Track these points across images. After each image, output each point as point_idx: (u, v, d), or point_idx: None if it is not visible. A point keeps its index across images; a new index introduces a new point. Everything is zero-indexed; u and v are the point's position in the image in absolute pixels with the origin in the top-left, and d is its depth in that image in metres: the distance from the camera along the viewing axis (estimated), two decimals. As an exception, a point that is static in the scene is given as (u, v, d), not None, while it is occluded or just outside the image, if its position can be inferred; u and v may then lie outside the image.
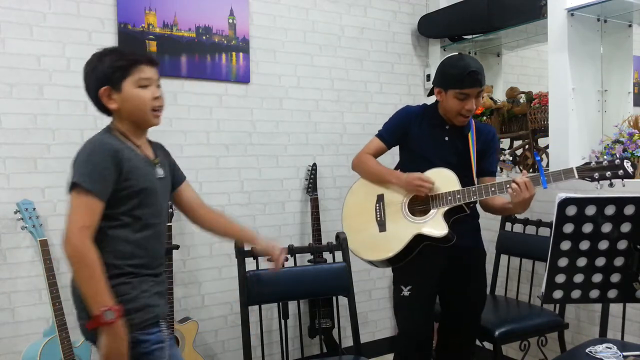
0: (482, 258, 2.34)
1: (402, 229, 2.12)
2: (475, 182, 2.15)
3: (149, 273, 1.61)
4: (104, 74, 1.59)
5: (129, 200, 1.57)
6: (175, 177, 1.80)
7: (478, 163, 2.20)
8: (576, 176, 1.90)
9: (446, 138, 2.21)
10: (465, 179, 2.14)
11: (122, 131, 1.64)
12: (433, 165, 2.15)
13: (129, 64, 1.59)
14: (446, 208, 2.08)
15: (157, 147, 1.77)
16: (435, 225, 2.07)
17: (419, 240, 2.10)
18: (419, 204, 2.17)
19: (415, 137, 2.23)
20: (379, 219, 2.19)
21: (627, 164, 1.84)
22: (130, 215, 1.58)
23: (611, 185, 1.86)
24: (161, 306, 1.63)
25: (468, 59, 2.10)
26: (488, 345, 2.54)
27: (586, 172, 1.89)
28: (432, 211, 2.10)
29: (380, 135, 2.30)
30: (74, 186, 1.52)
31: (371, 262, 2.24)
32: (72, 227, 1.49)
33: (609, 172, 1.86)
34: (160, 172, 1.67)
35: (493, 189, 2.02)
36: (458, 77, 2.07)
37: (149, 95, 1.61)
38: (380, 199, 2.22)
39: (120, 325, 1.49)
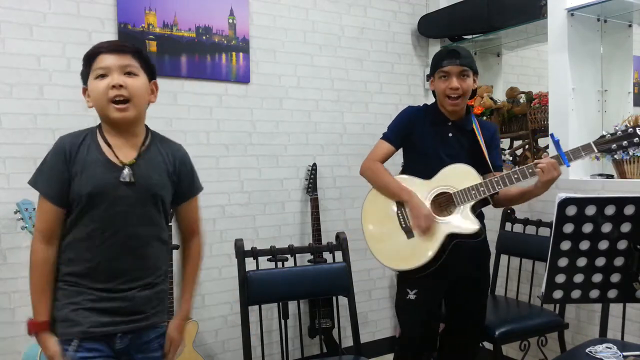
0: (488, 258, 2.32)
1: (431, 232, 2.06)
2: (492, 173, 2.13)
3: (95, 287, 1.48)
4: (81, 74, 1.56)
5: (75, 203, 1.48)
6: (178, 191, 1.63)
7: None
8: (595, 150, 1.91)
9: (450, 134, 2.18)
10: (480, 173, 2.11)
11: (101, 128, 1.55)
12: (441, 162, 2.12)
13: (90, 57, 1.50)
14: (472, 202, 2.04)
15: (159, 150, 1.60)
16: (465, 222, 2.04)
17: (450, 239, 2.05)
18: (440, 204, 2.12)
19: (419, 136, 2.20)
20: (404, 225, 2.11)
21: None
22: (77, 220, 1.49)
23: (627, 154, 1.88)
24: (86, 324, 1.47)
25: (453, 47, 2.13)
26: (488, 345, 2.54)
27: (604, 144, 1.90)
28: (458, 208, 2.06)
29: (387, 137, 2.25)
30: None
31: (398, 270, 2.20)
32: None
33: (625, 142, 1.87)
34: (125, 174, 1.49)
35: (516, 176, 1.99)
36: (438, 57, 2.16)
37: (102, 85, 1.46)
38: (400, 204, 2.14)
39: (42, 338, 1.50)
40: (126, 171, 1.49)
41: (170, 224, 1.74)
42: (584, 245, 1.43)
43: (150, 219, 1.55)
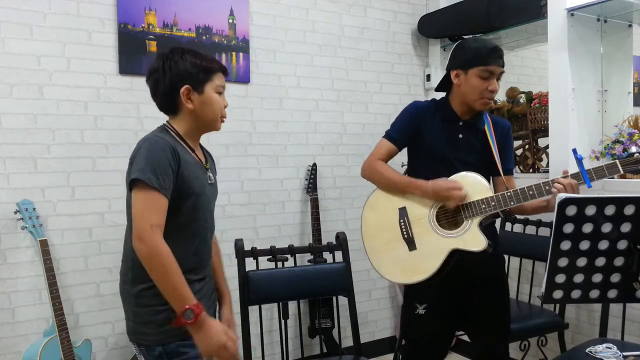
0: (502, 266, 2.15)
1: (435, 246, 1.90)
2: (503, 180, 1.99)
3: (193, 279, 1.58)
4: (188, 73, 1.57)
5: (181, 201, 1.53)
6: None
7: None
8: (621, 171, 1.76)
9: (460, 135, 2.00)
10: (489, 176, 2.01)
11: (178, 132, 1.61)
12: (452, 167, 1.96)
13: (212, 69, 1.61)
14: (481, 218, 1.88)
15: (207, 153, 1.79)
16: (472, 239, 1.87)
17: (454, 254, 1.90)
18: (447, 215, 1.96)
19: (427, 135, 2.00)
20: (406, 236, 1.95)
21: None
22: (181, 217, 1.54)
23: None
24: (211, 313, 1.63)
25: (487, 39, 1.98)
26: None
27: (631, 165, 1.76)
28: (465, 222, 1.89)
29: (389, 136, 2.05)
30: (137, 183, 1.47)
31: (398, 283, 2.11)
32: (144, 225, 1.45)
33: None
34: (211, 177, 1.69)
35: (531, 192, 1.83)
36: (482, 51, 1.90)
37: (222, 103, 1.66)
38: (403, 213, 1.98)
39: (205, 322, 1.49)
40: (210, 173, 1.69)
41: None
42: (584, 245, 1.43)
43: (213, 215, 1.73)
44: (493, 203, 1.87)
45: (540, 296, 1.49)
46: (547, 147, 2.90)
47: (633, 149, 2.40)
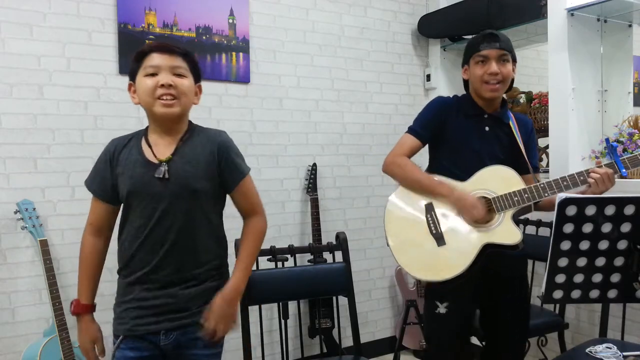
0: (525, 266, 2.14)
1: (465, 240, 1.86)
2: (532, 177, 1.97)
3: (141, 283, 1.56)
4: (130, 71, 1.61)
5: (122, 202, 1.61)
6: (224, 178, 1.65)
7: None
8: None
9: (487, 128, 1.98)
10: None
11: (148, 128, 1.64)
12: (478, 161, 1.93)
13: (141, 55, 1.57)
14: (514, 210, 1.86)
15: (198, 142, 1.61)
16: (506, 232, 1.85)
17: (485, 249, 1.86)
18: None
19: (453, 129, 1.98)
20: (434, 232, 1.90)
21: None
22: (124, 217, 1.61)
23: None
24: (131, 323, 1.56)
25: (490, 30, 1.98)
26: (488, 345, 2.53)
27: None
28: (497, 215, 1.87)
29: (414, 131, 2.01)
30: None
31: (427, 281, 1.98)
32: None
33: None
34: (160, 171, 1.53)
35: (565, 183, 1.80)
36: (475, 41, 1.97)
37: (151, 83, 1.52)
38: (429, 208, 1.93)
39: (81, 322, 1.62)
40: (161, 168, 1.54)
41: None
42: (584, 245, 1.43)
43: (193, 213, 1.57)
44: (526, 195, 1.84)
45: (540, 296, 1.49)
46: (547, 147, 2.90)
47: None
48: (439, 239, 1.89)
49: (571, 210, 1.39)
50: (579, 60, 2.71)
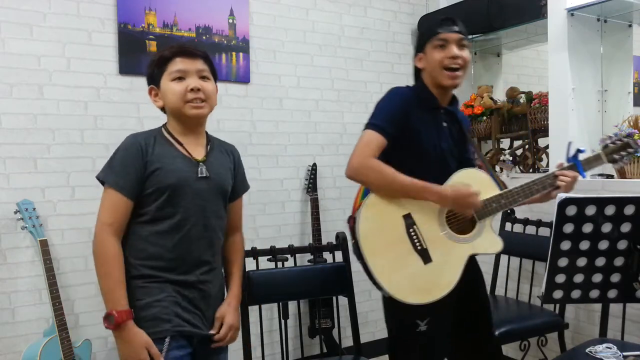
0: (477, 263, 2.01)
1: (452, 254, 1.73)
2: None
3: (173, 280, 1.54)
4: (148, 75, 1.63)
5: (155, 196, 1.54)
6: (234, 188, 1.72)
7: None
8: (605, 161, 1.85)
9: (444, 124, 1.83)
10: None
11: (168, 128, 1.64)
12: (444, 160, 1.79)
13: (164, 59, 1.59)
14: (492, 217, 1.79)
15: (220, 149, 1.70)
16: (488, 241, 1.77)
17: (469, 261, 1.76)
18: (457, 218, 1.80)
19: (415, 126, 1.77)
20: (419, 247, 1.71)
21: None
22: (156, 212, 1.54)
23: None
24: (176, 322, 1.52)
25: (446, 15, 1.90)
26: (488, 345, 2.53)
27: (611, 155, 1.85)
28: (478, 224, 1.77)
29: (378, 127, 1.75)
30: (103, 182, 1.56)
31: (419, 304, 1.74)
32: (97, 223, 1.52)
33: (623, 152, 1.84)
34: (202, 170, 1.58)
35: (536, 187, 1.78)
36: (432, 24, 1.82)
37: (181, 88, 1.55)
38: (409, 220, 1.72)
39: (126, 330, 1.46)
40: (202, 166, 1.60)
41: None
42: (584, 245, 1.43)
43: (218, 212, 1.65)
44: (503, 201, 1.77)
45: (540, 296, 1.49)
46: (547, 147, 2.90)
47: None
48: (425, 256, 1.71)
49: (571, 210, 1.39)
50: (579, 60, 2.71)
